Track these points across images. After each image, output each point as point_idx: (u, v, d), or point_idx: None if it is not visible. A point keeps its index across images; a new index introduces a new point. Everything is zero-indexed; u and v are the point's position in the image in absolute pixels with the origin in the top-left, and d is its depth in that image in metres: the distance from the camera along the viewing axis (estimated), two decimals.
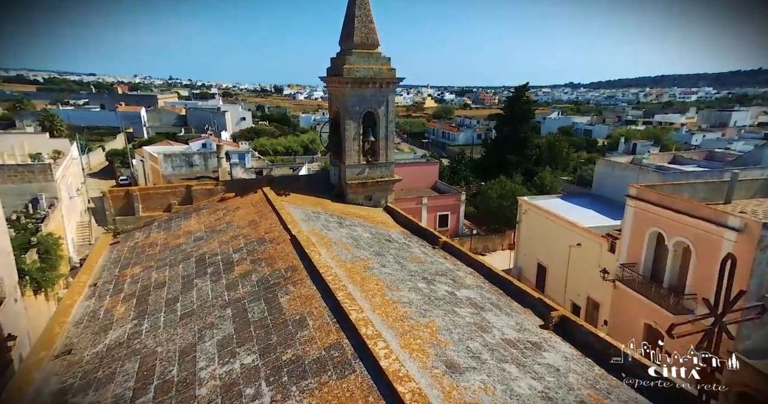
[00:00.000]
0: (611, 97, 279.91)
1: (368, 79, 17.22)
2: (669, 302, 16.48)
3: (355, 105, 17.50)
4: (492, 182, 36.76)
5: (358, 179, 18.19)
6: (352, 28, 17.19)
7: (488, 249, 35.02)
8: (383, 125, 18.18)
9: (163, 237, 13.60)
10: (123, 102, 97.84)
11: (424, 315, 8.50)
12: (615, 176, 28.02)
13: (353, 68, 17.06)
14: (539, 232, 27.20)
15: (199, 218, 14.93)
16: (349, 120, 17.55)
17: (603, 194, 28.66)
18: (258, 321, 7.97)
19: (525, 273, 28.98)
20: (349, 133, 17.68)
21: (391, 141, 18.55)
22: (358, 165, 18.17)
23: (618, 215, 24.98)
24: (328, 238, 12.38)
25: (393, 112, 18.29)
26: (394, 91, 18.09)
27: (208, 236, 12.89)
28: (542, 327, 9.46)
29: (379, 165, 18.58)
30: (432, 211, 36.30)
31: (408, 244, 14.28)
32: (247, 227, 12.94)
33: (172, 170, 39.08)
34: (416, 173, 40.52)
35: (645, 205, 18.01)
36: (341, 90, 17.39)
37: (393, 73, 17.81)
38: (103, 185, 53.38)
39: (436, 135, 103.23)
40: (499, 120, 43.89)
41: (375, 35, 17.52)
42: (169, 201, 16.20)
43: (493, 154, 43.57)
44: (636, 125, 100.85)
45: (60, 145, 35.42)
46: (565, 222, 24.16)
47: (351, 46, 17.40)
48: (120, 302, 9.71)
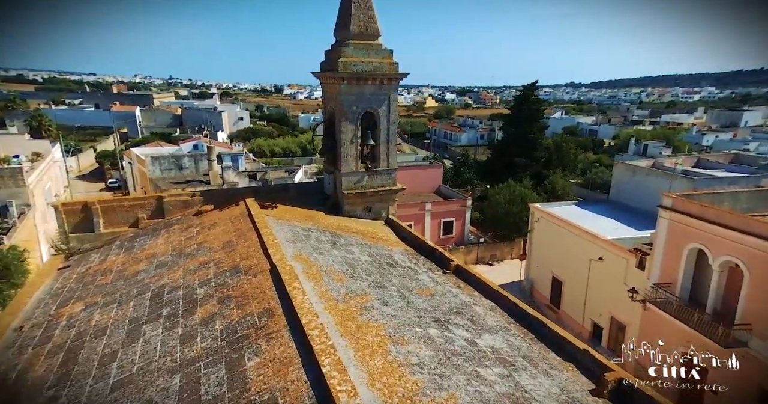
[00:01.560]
0: (613, 97, 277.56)
1: (367, 75, 15.01)
2: (716, 332, 14.22)
3: (352, 104, 15.30)
4: (499, 187, 34.56)
5: (355, 189, 15.99)
6: (348, 15, 15.00)
7: (496, 258, 32.86)
8: (384, 127, 15.97)
9: (121, 261, 11.42)
10: (117, 101, 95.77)
11: (440, 385, 6.32)
12: (636, 182, 25.83)
13: (350, 62, 14.86)
14: (554, 242, 25.02)
15: (168, 236, 12.74)
16: (345, 121, 15.35)
17: (622, 200, 26.46)
18: (212, 400, 5.78)
19: (538, 286, 26.81)
20: (345, 136, 15.48)
21: (394, 145, 16.35)
22: (355, 173, 15.97)
23: (642, 225, 22.83)
24: (318, 265, 10.20)
25: (395, 112, 16.08)
26: (397, 88, 15.88)
27: (173, 262, 10.71)
28: (594, 393, 7.26)
29: (379, 173, 16.38)
30: (436, 217, 34.14)
31: (414, 268, 12.09)
32: (220, 251, 10.75)
33: (160, 173, 36.89)
34: (419, 177, 38.32)
35: (682, 218, 15.80)
36: (336, 87, 15.18)
37: (395, 67, 15.61)
38: (91, 187, 51.26)
39: (438, 135, 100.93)
40: (506, 120, 41.69)
41: (375, 24, 15.32)
42: (136, 215, 14.02)
43: (499, 156, 41.35)
44: (643, 124, 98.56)
45: (40, 146, 33.28)
46: (585, 233, 21.99)
47: (347, 37, 15.20)
48: (42, 358, 7.52)
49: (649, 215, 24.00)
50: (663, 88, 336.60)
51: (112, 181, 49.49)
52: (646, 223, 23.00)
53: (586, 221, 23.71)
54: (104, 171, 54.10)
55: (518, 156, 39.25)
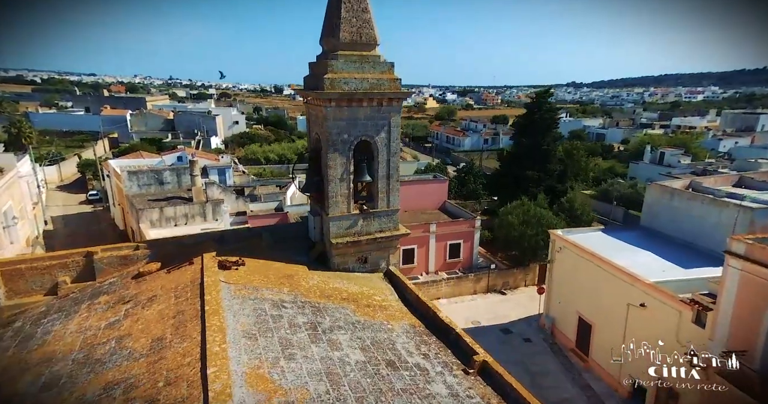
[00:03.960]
0: (616, 97, 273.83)
1: (361, 95, 11.70)
2: None
3: (343, 132, 11.97)
4: (511, 205, 31.18)
5: (347, 237, 12.65)
6: (337, 19, 11.66)
7: (509, 286, 29.46)
8: (384, 159, 12.65)
9: (1, 367, 8.07)
10: (108, 105, 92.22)
11: None
12: (674, 207, 22.47)
13: (339, 79, 11.52)
14: (580, 277, 21.64)
15: (87, 316, 9.45)
16: (333, 153, 12.01)
17: (658, 228, 23.02)
18: None
19: (561, 326, 23.41)
20: (333, 171, 12.14)
21: (395, 180, 13.02)
22: (347, 216, 12.63)
23: (689, 261, 19.48)
24: (284, 390, 6.86)
25: (397, 140, 12.75)
26: (399, 110, 12.55)
27: (69, 377, 7.37)
28: None
29: (377, 215, 13.04)
30: (441, 240, 30.79)
31: (425, 367, 8.76)
32: (143, 360, 7.45)
33: (138, 188, 33.47)
34: (422, 193, 34.98)
35: (762, 271, 12.50)
36: (321, 110, 11.85)
37: (397, 84, 12.27)
38: (71, 199, 47.83)
39: (440, 140, 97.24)
40: (517, 130, 38.25)
41: (371, 30, 11.98)
42: (55, 278, 10.69)
43: (510, 167, 37.92)
44: (653, 128, 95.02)
45: (3, 160, 29.94)
46: (620, 272, 18.63)
47: (336, 47, 11.86)
48: None
49: (694, 249, 20.76)
50: (665, 88, 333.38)
51: (93, 193, 46.01)
52: (693, 259, 19.71)
53: (619, 255, 20.33)
54: (86, 182, 50.68)
55: (530, 169, 35.88)
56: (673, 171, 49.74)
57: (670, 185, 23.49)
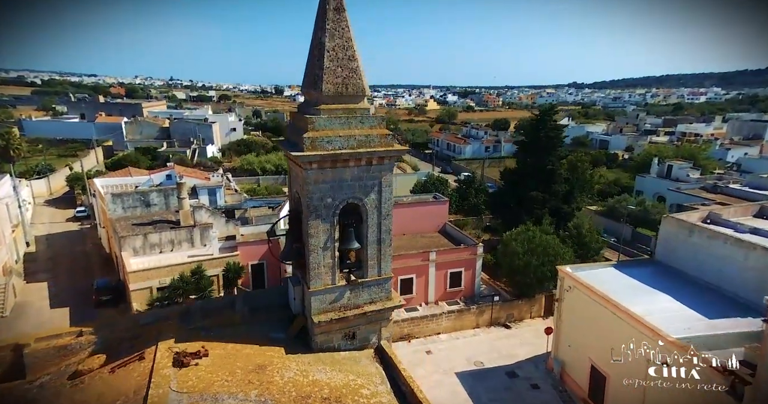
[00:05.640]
0: (618, 99, 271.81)
1: (348, 155, 10.05)
2: None
3: (326, 196, 10.33)
4: (515, 231, 29.46)
5: (332, 312, 11.01)
6: (319, 70, 10.01)
7: (513, 319, 27.76)
8: (374, 222, 11.01)
9: None
10: (103, 112, 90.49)
11: None
12: (693, 244, 20.80)
13: (321, 138, 9.88)
14: (592, 321, 19.97)
15: None
16: (315, 220, 10.37)
17: (675, 265, 21.31)
18: None
19: (571, 372, 21.72)
20: (315, 240, 10.50)
21: (388, 245, 11.36)
22: (332, 289, 11.00)
23: (712, 309, 17.82)
24: None
25: (390, 201, 11.09)
26: (392, 168, 10.88)
27: None
28: None
29: (367, 285, 11.40)
30: (442, 268, 29.13)
31: None
32: None
33: (123, 211, 31.83)
34: (421, 215, 33.32)
35: None
36: (301, 172, 10.20)
37: (390, 140, 10.62)
38: (59, 215, 46.12)
39: (441, 147, 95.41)
40: (521, 148, 36.53)
41: (359, 80, 10.31)
42: None
43: (513, 187, 36.21)
44: (657, 134, 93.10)
45: None
46: (638, 323, 16.98)
47: (318, 100, 10.23)
48: None
49: (717, 292, 19.21)
50: (667, 89, 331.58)
51: (80, 210, 44.25)
52: (718, 305, 18.11)
53: (635, 298, 18.67)
54: (75, 196, 48.96)
55: (534, 189, 34.19)
56: (681, 186, 48.19)
57: (687, 220, 21.73)
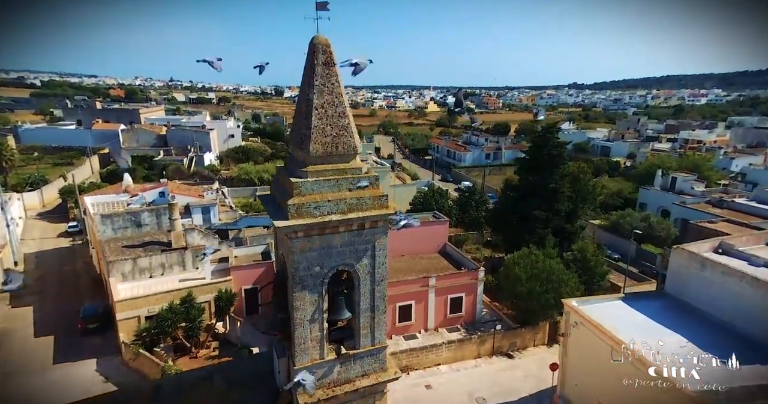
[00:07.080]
0: (618, 100, 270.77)
1: (337, 222, 9.10)
2: None
3: (314, 264, 9.39)
4: (518, 254, 28.49)
5: (319, 391, 10.05)
6: (306, 129, 9.05)
7: (516, 347, 26.81)
8: (367, 289, 10.07)
9: None
10: (100, 119, 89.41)
11: None
12: (706, 279, 19.87)
13: (307, 204, 8.94)
14: (601, 362, 18.95)
15: None
16: (301, 291, 9.43)
17: (686, 299, 20.31)
18: None
19: None
20: (301, 313, 9.55)
21: (381, 313, 10.39)
22: (320, 364, 10.04)
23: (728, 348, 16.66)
24: None
25: (384, 265, 10.13)
26: (386, 230, 9.93)
27: None
28: None
29: (360, 357, 10.46)
30: (441, 294, 28.17)
31: None
32: None
33: (112, 232, 30.85)
34: (420, 237, 32.25)
35: None
36: (286, 240, 9.24)
37: (384, 201, 9.67)
38: (50, 230, 45.09)
39: (441, 153, 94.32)
40: (522, 166, 35.56)
41: (350, 137, 9.36)
42: None
43: (515, 205, 35.21)
44: (659, 141, 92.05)
45: None
46: (650, 369, 16.03)
47: (305, 161, 9.28)
48: None
49: (732, 332, 18.22)
50: (668, 90, 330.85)
51: (72, 225, 43.22)
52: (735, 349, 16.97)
53: (646, 337, 17.70)
54: (68, 210, 47.96)
55: (537, 208, 33.22)
56: (687, 200, 47.21)
57: (699, 252, 20.75)
